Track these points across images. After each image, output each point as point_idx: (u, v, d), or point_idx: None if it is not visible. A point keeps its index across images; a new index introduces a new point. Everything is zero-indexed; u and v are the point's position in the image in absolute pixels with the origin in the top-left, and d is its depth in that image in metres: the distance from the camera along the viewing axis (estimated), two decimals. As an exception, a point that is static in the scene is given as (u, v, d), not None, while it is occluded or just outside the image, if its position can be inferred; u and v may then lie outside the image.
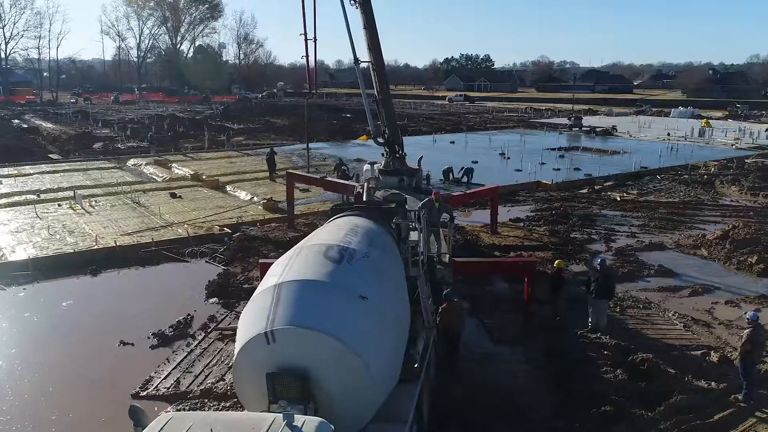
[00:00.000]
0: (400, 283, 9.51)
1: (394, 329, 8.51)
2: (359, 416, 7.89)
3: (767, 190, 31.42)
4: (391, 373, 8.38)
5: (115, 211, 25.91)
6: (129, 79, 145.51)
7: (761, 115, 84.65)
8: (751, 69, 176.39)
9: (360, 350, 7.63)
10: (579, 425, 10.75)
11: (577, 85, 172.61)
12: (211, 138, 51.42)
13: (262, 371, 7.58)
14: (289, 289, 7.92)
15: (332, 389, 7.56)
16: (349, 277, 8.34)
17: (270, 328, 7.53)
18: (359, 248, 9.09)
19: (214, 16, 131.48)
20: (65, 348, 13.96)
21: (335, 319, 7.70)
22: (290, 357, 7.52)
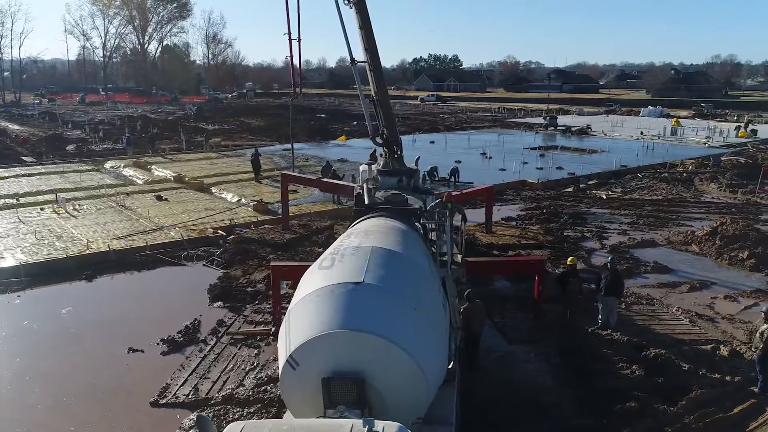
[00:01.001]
0: (438, 283, 9.48)
1: (439, 329, 8.47)
2: (410, 419, 7.83)
3: (745, 187, 32.27)
4: (440, 375, 8.34)
5: (101, 215, 25.29)
6: (93, 80, 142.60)
7: (726, 114, 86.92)
8: (711, 69, 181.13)
9: (414, 353, 7.56)
10: (606, 422, 10.87)
11: (545, 84, 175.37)
12: (188, 139, 50.67)
13: (316, 376, 7.47)
14: (340, 293, 7.81)
15: (387, 393, 7.48)
16: (397, 279, 8.27)
17: (323, 332, 7.42)
18: (399, 249, 9.05)
19: (182, 16, 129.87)
20: (72, 356, 13.57)
21: (389, 322, 7.62)
22: (345, 361, 7.42)
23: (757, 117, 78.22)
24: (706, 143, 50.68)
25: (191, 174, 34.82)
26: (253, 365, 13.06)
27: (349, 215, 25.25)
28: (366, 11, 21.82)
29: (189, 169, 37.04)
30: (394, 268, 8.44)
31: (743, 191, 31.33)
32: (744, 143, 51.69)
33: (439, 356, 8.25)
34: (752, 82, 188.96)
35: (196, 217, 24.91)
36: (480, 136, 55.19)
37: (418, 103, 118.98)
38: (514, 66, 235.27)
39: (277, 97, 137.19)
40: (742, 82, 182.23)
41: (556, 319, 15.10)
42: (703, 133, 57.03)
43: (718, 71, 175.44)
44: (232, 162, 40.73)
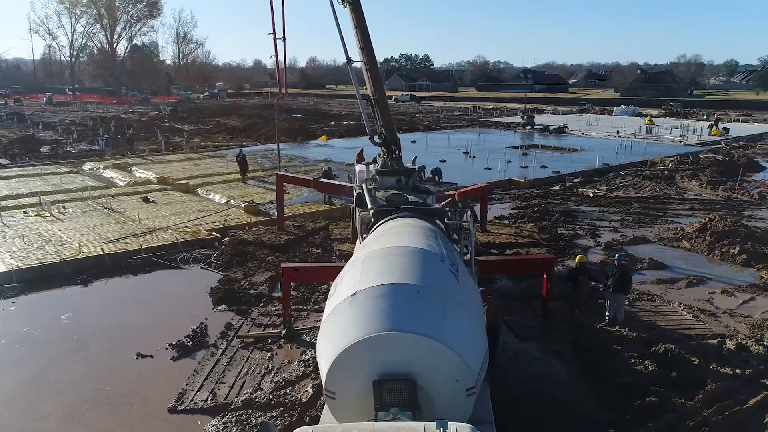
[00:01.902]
0: (474, 282, 9.47)
1: (481, 328, 8.46)
2: (458, 418, 7.79)
3: (725, 183, 33.04)
4: (483, 374, 8.33)
5: (89, 218, 24.72)
6: (59, 80, 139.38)
7: (694, 113, 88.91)
8: (676, 68, 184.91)
9: (463, 353, 7.55)
10: (629, 417, 10.99)
11: (517, 84, 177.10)
12: (165, 140, 49.88)
13: (365, 378, 7.40)
14: (385, 294, 7.74)
15: (436, 394, 7.44)
16: (438, 279, 8.25)
17: (372, 334, 7.35)
18: (434, 249, 9.01)
19: (152, 15, 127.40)
20: (79, 363, 13.22)
21: (437, 323, 7.59)
22: (395, 363, 7.36)
23: (725, 115, 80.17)
24: (681, 141, 51.75)
25: (174, 175, 34.27)
26: (268, 368, 12.89)
27: (342, 215, 25.48)
28: (361, 10, 21.71)
29: (171, 170, 36.43)
30: (434, 268, 8.42)
31: (723, 188, 32.08)
32: (717, 141, 52.95)
33: (483, 355, 8.24)
34: (715, 82, 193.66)
35: (186, 219, 24.51)
36: (460, 136, 55.48)
37: (393, 103, 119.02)
38: (483, 66, 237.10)
39: (250, 97, 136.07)
40: (707, 81, 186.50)
41: (564, 316, 15.22)
42: (677, 132, 58.23)
43: (684, 71, 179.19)
44: (214, 163, 40.21)
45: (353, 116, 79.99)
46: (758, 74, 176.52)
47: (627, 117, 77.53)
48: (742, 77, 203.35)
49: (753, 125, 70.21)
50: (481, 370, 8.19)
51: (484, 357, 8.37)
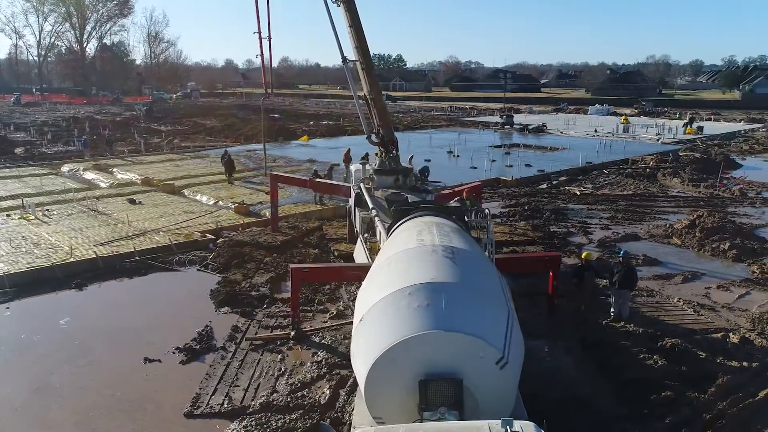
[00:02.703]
0: (503, 280, 9.47)
1: (518, 326, 8.46)
2: (499, 416, 7.76)
3: (705, 181, 33.73)
4: (520, 371, 8.33)
5: (75, 220, 24.17)
6: (26, 80, 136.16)
7: (666, 112, 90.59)
8: (644, 68, 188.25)
9: (505, 351, 7.55)
10: (647, 411, 11.12)
11: (489, 84, 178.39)
12: (143, 141, 49.08)
13: (409, 378, 7.34)
14: (425, 293, 7.69)
15: (479, 392, 7.42)
16: (475, 276, 8.24)
17: (416, 333, 7.29)
18: (464, 247, 9.00)
19: (123, 13, 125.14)
20: (85, 368, 12.89)
21: (480, 321, 7.57)
22: (440, 362, 7.32)
23: (696, 114, 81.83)
24: (658, 140, 52.68)
25: (158, 176, 33.72)
26: (280, 371, 12.73)
27: (334, 215, 25.33)
28: (355, 9, 21.69)
29: (154, 171, 35.84)
30: (470, 266, 8.41)
31: (705, 185, 32.74)
32: (693, 139, 54.03)
33: (522, 353, 8.25)
34: (682, 81, 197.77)
35: (177, 220, 24.11)
36: (441, 135, 55.66)
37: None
38: (455, 65, 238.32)
39: (224, 97, 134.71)
40: (674, 81, 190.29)
41: (569, 313, 15.35)
42: (653, 131, 59.26)
43: (652, 71, 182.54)
44: (197, 164, 39.65)
45: (331, 116, 79.82)
46: (723, 74, 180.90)
47: (602, 116, 78.71)
48: (707, 77, 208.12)
49: (724, 124, 71.89)
50: (520, 367, 8.21)
51: (522, 354, 8.39)
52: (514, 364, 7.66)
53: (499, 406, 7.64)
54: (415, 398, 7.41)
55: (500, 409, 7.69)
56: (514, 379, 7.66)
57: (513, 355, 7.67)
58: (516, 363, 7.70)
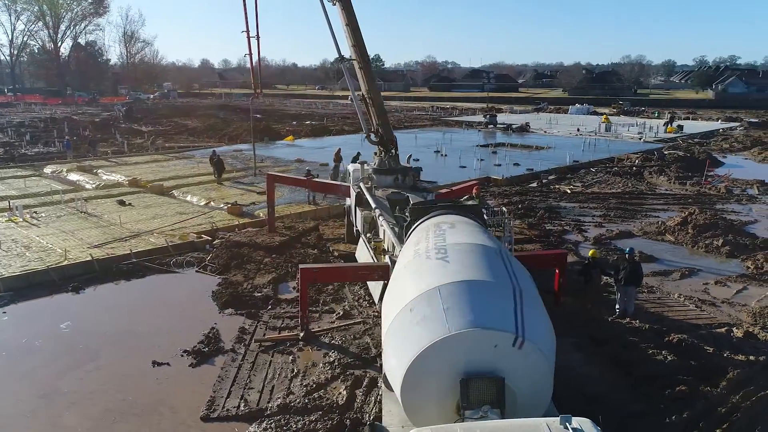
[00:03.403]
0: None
1: (550, 321, 8.46)
2: (532, 413, 7.76)
3: (691, 178, 34.24)
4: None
5: (65, 222, 23.70)
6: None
7: (643, 111, 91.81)
8: (621, 68, 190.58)
9: (543, 348, 7.57)
10: (663, 406, 11.21)
11: (468, 84, 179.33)
12: (124, 141, 48.41)
13: (448, 377, 7.31)
14: (461, 291, 7.66)
15: (518, 390, 7.41)
16: (507, 274, 8.22)
17: (456, 332, 7.25)
18: (491, 245, 8.98)
19: (98, 12, 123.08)
20: (92, 373, 12.61)
21: (517, 318, 7.55)
22: (480, 360, 7.30)
23: (672, 113, 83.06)
24: (641, 139, 53.36)
25: (145, 177, 33.25)
26: (293, 372, 12.61)
27: (329, 215, 25.19)
28: (351, 7, 21.60)
29: (140, 172, 35.31)
30: (501, 263, 8.39)
31: (691, 183, 33.23)
32: (674, 138, 54.82)
33: (554, 351, 8.25)
34: (656, 81, 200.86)
35: (170, 222, 23.76)
36: (426, 135, 55.71)
37: (349, 102, 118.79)
38: (433, 65, 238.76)
39: (203, 97, 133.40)
40: (649, 81, 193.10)
41: (575, 310, 15.44)
42: (634, 129, 60.03)
43: (628, 71, 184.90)
44: (183, 164, 39.15)
45: (314, 116, 79.48)
46: (696, 74, 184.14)
47: (583, 115, 79.54)
48: (680, 77, 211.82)
49: (702, 123, 73.12)
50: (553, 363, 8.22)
51: (554, 351, 8.40)
52: (551, 362, 7.68)
53: (536, 402, 7.67)
54: (453, 397, 7.38)
55: (537, 406, 7.72)
56: (551, 376, 7.67)
57: (550, 353, 7.70)
58: (552, 361, 7.72)
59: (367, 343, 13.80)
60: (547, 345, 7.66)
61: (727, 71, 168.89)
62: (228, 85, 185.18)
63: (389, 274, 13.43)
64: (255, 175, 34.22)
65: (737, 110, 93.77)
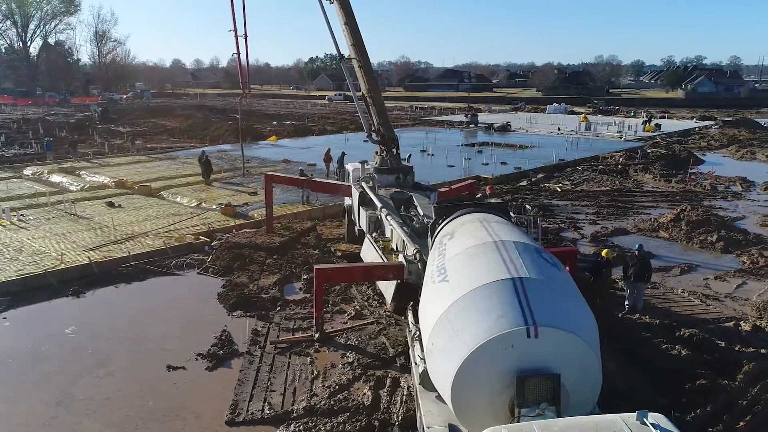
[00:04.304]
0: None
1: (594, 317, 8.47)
2: (583, 410, 7.76)
3: (675, 176, 34.82)
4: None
5: (55, 225, 23.13)
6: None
7: (618, 111, 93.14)
8: (593, 68, 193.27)
9: (591, 344, 7.57)
10: (686, 400, 11.34)
11: (442, 83, 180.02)
12: (103, 142, 47.56)
13: (502, 375, 7.26)
14: (511, 289, 7.61)
15: (570, 386, 7.39)
16: (550, 270, 8.22)
17: (509, 330, 7.21)
18: (531, 243, 8.97)
19: (69, 11, 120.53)
20: (106, 379, 12.30)
21: (569, 316, 7.57)
22: (534, 358, 7.25)
23: (647, 112, 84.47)
24: (621, 137, 54.14)
25: (131, 179, 32.66)
26: (314, 374, 12.47)
27: (323, 215, 25.00)
28: (349, 6, 21.52)
29: (125, 173, 34.66)
30: (543, 260, 8.37)
31: (676, 180, 33.80)
32: (653, 136, 55.75)
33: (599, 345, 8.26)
34: (626, 81, 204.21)
35: (164, 223, 23.35)
36: (409, 134, 55.69)
37: (327, 102, 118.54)
38: (407, 65, 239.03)
39: (177, 97, 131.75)
40: (620, 81, 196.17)
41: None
42: (613, 128, 60.89)
43: (600, 70, 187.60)
44: (167, 165, 38.54)
45: (293, 116, 79.05)
46: (666, 74, 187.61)
47: (560, 115, 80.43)
48: (649, 77, 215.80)
49: (678, 121, 74.47)
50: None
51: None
52: (598, 355, 7.68)
53: (586, 399, 7.67)
54: (506, 395, 7.33)
55: (587, 402, 7.73)
56: (600, 373, 7.68)
57: (596, 347, 7.70)
58: (599, 353, 7.73)
59: (383, 343, 13.71)
60: (594, 342, 7.67)
61: (696, 71, 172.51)
62: (201, 85, 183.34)
63: (403, 273, 13.42)
64: (243, 176, 33.87)
65: (708, 109, 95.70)
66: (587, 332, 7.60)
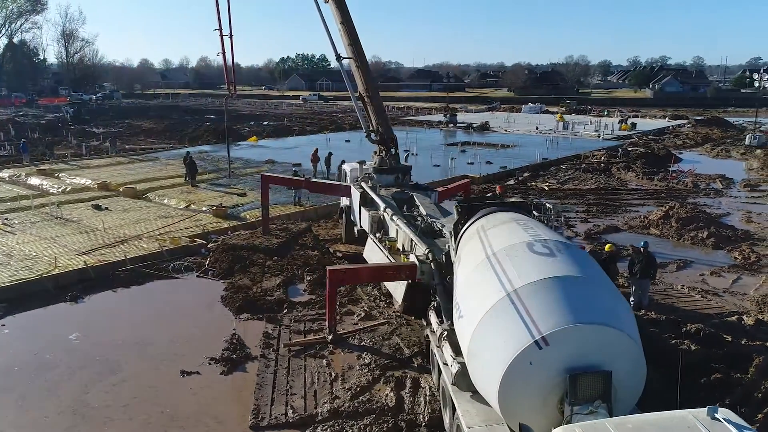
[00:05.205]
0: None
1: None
2: (627, 406, 7.82)
3: (658, 174, 35.45)
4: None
5: (43, 229, 22.53)
6: None
7: (591, 110, 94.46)
8: (564, 68, 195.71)
9: (637, 340, 7.66)
10: (703, 394, 11.51)
11: (414, 83, 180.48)
12: (80, 144, 46.57)
13: (553, 373, 7.28)
14: (558, 287, 7.64)
15: (618, 382, 7.45)
16: (593, 270, 8.28)
17: (560, 328, 7.24)
18: (569, 242, 9.03)
19: (36, 10, 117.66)
20: (119, 386, 12.01)
21: (616, 313, 7.65)
22: (586, 356, 7.30)
23: (619, 111, 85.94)
24: (599, 136, 54.94)
25: (114, 180, 32.01)
26: (332, 376, 12.35)
27: (316, 216, 24.82)
28: (345, 5, 21.42)
29: (106, 175, 33.92)
30: (581, 258, 8.43)
31: (658, 178, 34.41)
32: (629, 135, 56.70)
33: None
34: (595, 81, 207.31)
35: (155, 226, 22.91)
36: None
37: (301, 102, 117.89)
38: (378, 65, 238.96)
39: (147, 98, 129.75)
40: (589, 80, 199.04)
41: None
42: (590, 127, 61.76)
43: (570, 70, 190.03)
44: (149, 166, 37.86)
45: (270, 116, 78.41)
46: (634, 74, 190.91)
47: (536, 114, 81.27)
48: (617, 77, 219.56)
49: (651, 120, 75.85)
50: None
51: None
52: (642, 351, 7.76)
53: (631, 395, 7.75)
54: (556, 394, 7.36)
55: (631, 399, 7.81)
56: (645, 369, 7.76)
57: (640, 343, 7.79)
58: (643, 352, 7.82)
59: (397, 343, 13.65)
60: (639, 338, 7.75)
61: (662, 71, 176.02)
62: (171, 85, 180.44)
63: (416, 273, 13.37)
64: (229, 177, 33.47)
65: (677, 109, 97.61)
66: (633, 329, 7.70)
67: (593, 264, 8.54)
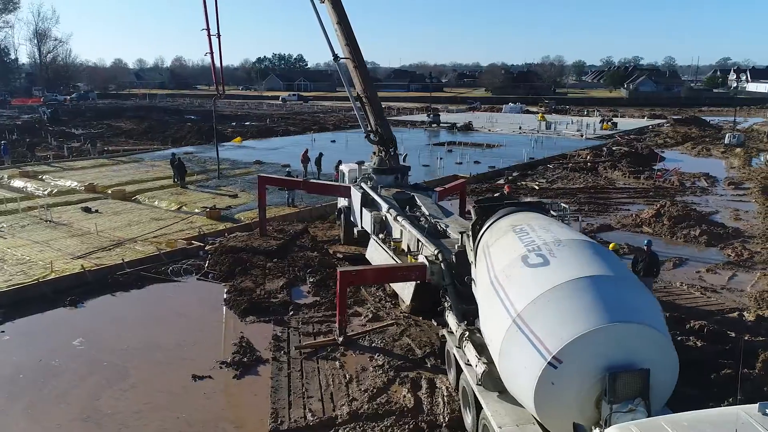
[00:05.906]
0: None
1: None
2: (660, 404, 7.89)
3: (644, 173, 35.93)
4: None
5: (34, 232, 22.07)
6: None
7: (569, 110, 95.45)
8: (540, 68, 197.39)
9: (669, 338, 7.74)
10: (716, 390, 11.69)
11: (392, 84, 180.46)
12: (60, 145, 45.73)
13: (589, 372, 7.32)
14: (592, 287, 7.67)
15: (654, 380, 7.51)
16: (622, 269, 8.35)
17: (596, 327, 7.28)
18: (588, 239, 9.09)
19: (8, 8, 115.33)
20: (130, 391, 11.80)
21: (650, 311, 7.71)
22: (622, 354, 7.35)
23: (596, 111, 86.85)
24: (582, 136, 55.51)
25: (101, 183, 31.49)
26: (346, 378, 12.28)
27: (311, 217, 24.68)
28: (341, 5, 21.34)
29: (91, 177, 33.31)
30: (609, 258, 8.48)
31: (644, 177, 34.88)
32: (611, 134, 57.38)
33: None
34: (571, 81, 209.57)
35: (148, 228, 22.60)
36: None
37: (280, 103, 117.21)
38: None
39: (123, 98, 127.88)
40: (565, 81, 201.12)
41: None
42: (572, 127, 62.38)
43: (547, 70, 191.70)
44: (135, 168, 37.30)
45: (251, 117, 77.83)
46: (608, 74, 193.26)
47: (517, 114, 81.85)
48: (592, 77, 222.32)
49: (631, 120, 76.81)
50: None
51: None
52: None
53: (664, 392, 7.82)
54: (594, 392, 7.40)
55: (664, 396, 7.88)
56: (678, 367, 7.83)
57: (671, 341, 7.87)
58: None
59: (408, 344, 13.62)
60: (669, 336, 7.85)
61: (636, 71, 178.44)
62: (146, 85, 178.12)
63: (426, 273, 13.37)
64: (219, 178, 33.16)
65: (653, 108, 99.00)
66: (664, 327, 7.78)
67: (620, 264, 8.61)
